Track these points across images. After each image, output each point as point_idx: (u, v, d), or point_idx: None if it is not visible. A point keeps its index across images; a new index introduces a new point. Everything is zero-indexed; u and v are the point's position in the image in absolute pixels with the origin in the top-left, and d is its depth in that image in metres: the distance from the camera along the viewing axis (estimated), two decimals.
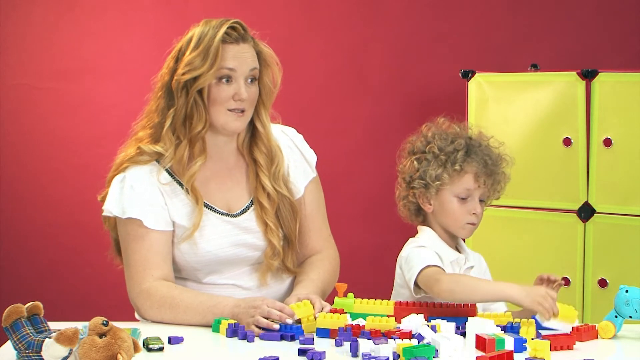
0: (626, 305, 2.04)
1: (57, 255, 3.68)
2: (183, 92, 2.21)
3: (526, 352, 1.84)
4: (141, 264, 2.20)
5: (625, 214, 3.13)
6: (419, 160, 2.25)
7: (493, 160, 2.25)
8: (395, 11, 3.75)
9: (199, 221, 2.22)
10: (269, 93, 2.29)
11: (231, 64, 2.20)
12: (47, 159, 3.67)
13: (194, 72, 2.18)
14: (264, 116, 2.31)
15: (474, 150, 2.24)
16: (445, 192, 2.23)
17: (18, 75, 3.65)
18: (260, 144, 2.31)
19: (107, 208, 2.23)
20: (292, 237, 2.32)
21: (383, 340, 1.87)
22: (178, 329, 2.09)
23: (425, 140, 2.26)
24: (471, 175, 2.22)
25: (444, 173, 2.21)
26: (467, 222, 2.23)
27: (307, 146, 2.43)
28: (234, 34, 2.21)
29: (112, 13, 3.68)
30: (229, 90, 2.21)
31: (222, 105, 2.21)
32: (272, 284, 2.31)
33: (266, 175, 2.29)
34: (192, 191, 2.23)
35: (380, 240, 3.48)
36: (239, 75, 2.21)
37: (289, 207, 2.32)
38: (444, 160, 2.22)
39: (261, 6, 3.68)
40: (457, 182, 2.22)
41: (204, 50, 2.18)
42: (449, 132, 2.27)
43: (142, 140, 2.26)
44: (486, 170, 2.23)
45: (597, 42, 3.68)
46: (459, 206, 2.23)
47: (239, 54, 2.21)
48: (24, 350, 1.70)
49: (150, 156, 2.24)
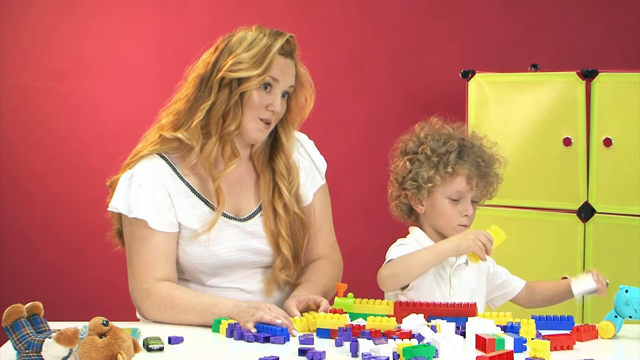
0: (626, 305, 2.04)
1: (57, 255, 3.68)
2: (225, 89, 2.21)
3: (526, 352, 1.84)
4: (144, 265, 2.20)
5: (625, 214, 3.13)
6: (411, 161, 2.23)
7: (486, 162, 2.23)
8: (395, 11, 3.75)
9: (215, 222, 2.22)
10: (299, 111, 2.32)
11: (277, 75, 2.22)
12: (47, 158, 3.67)
13: (243, 72, 2.18)
14: (290, 132, 2.34)
15: (466, 152, 2.22)
16: (437, 194, 2.22)
17: (18, 75, 3.65)
18: (282, 156, 2.33)
19: (114, 205, 2.23)
20: (299, 252, 2.34)
21: (383, 340, 1.87)
22: (178, 329, 2.09)
23: (418, 140, 2.25)
24: (463, 178, 2.21)
25: (436, 175, 2.20)
26: (458, 223, 2.22)
27: (318, 153, 2.44)
28: (287, 47, 2.24)
29: (112, 13, 3.68)
30: (266, 99, 2.22)
31: (255, 111, 2.22)
32: (274, 294, 2.32)
33: (285, 185, 2.30)
34: (218, 192, 2.23)
35: (380, 240, 3.46)
36: (279, 87, 2.23)
37: (299, 223, 2.33)
38: (436, 162, 2.20)
39: (261, 6, 3.68)
40: (449, 184, 2.21)
41: (257, 55, 2.19)
42: (442, 132, 2.25)
43: (164, 127, 2.26)
44: (479, 172, 2.21)
45: (597, 42, 3.68)
46: (451, 208, 2.22)
47: (285, 68, 2.24)
48: (24, 350, 1.70)
49: (171, 143, 2.23)
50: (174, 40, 3.64)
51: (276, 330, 1.97)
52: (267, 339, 1.95)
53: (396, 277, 2.11)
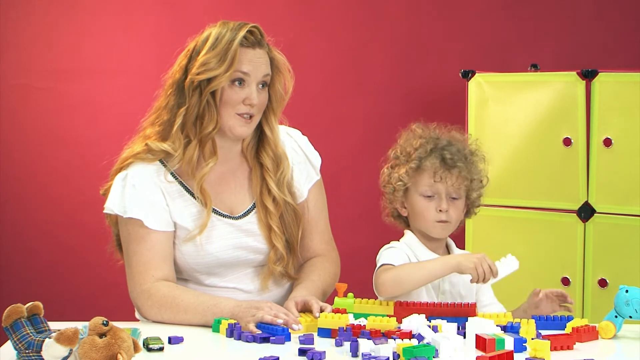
0: (626, 305, 2.04)
1: (57, 255, 3.68)
2: (196, 92, 2.20)
3: (526, 352, 1.84)
4: (142, 265, 2.20)
5: (625, 214, 3.13)
6: (390, 167, 2.28)
7: (452, 155, 2.22)
8: (395, 11, 3.75)
9: (206, 222, 2.22)
10: (279, 99, 2.30)
11: (246, 68, 2.20)
12: (47, 158, 3.67)
13: (209, 72, 2.18)
14: (273, 122, 2.32)
15: (432, 148, 2.23)
16: (411, 193, 2.24)
17: (18, 75, 3.65)
18: (268, 149, 2.31)
19: (109, 206, 2.23)
20: (294, 243, 2.33)
21: (383, 340, 1.87)
22: (178, 329, 2.09)
23: (398, 147, 2.29)
24: (430, 172, 2.22)
25: (404, 173, 2.22)
26: (436, 220, 2.22)
27: (312, 148, 2.43)
28: (251, 38, 2.21)
29: (112, 13, 3.68)
30: (241, 94, 2.21)
31: (232, 107, 2.21)
32: (272, 289, 2.32)
33: (272, 179, 2.30)
34: (202, 192, 2.23)
35: (379, 241, 3.47)
36: (252, 80, 2.21)
37: (292, 213, 2.32)
38: (404, 160, 2.24)
39: (261, 6, 3.68)
40: (418, 180, 2.23)
41: (221, 52, 2.18)
42: (417, 134, 2.28)
43: (149, 137, 2.25)
44: (445, 165, 2.21)
45: (597, 42, 3.68)
46: (426, 205, 2.22)
47: (255, 59, 2.21)
48: (24, 350, 1.70)
49: (157, 154, 2.23)
50: (174, 40, 3.64)
51: (277, 330, 1.97)
52: (267, 339, 1.95)
53: (399, 284, 2.12)
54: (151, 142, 2.23)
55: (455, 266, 2.11)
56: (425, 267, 2.14)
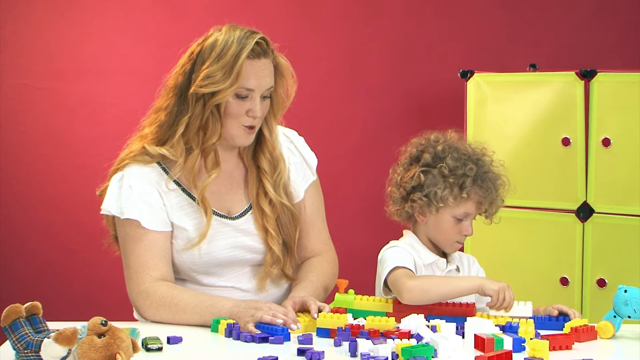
0: (625, 305, 2.04)
1: (56, 255, 3.68)
2: (199, 103, 2.19)
3: (525, 352, 1.84)
4: (140, 265, 2.20)
5: (624, 214, 3.13)
6: (425, 174, 2.20)
7: (496, 188, 2.23)
8: (394, 11, 3.75)
9: (206, 232, 2.22)
10: (281, 103, 2.29)
11: (251, 84, 2.18)
12: (47, 158, 3.67)
13: (214, 86, 2.16)
14: (272, 124, 2.31)
15: (481, 177, 2.21)
16: (444, 211, 2.21)
17: (18, 75, 3.66)
18: (266, 151, 2.31)
19: (106, 207, 2.23)
20: (292, 244, 2.32)
21: (382, 340, 1.87)
22: (177, 328, 2.09)
23: (435, 153, 2.21)
24: (474, 202, 2.21)
25: (450, 196, 2.18)
26: (456, 240, 2.23)
27: (308, 149, 2.43)
28: (257, 49, 2.18)
29: (112, 13, 3.68)
30: (244, 106, 2.20)
31: (236, 119, 2.20)
32: (269, 289, 2.32)
33: (269, 181, 2.29)
34: (202, 202, 2.23)
35: (379, 240, 3.48)
36: (256, 93, 2.20)
37: (289, 215, 2.32)
38: (452, 182, 2.18)
39: (261, 6, 3.68)
40: (460, 206, 2.20)
41: (226, 66, 2.15)
42: (460, 150, 2.22)
43: (146, 137, 2.25)
44: (490, 198, 2.22)
45: (596, 42, 3.68)
46: (454, 226, 2.21)
47: (260, 72, 2.19)
48: (22, 350, 1.70)
49: (155, 158, 2.23)
50: (174, 40, 3.63)
51: (277, 330, 1.97)
52: (265, 339, 1.95)
53: (426, 294, 2.09)
54: (149, 146, 2.22)
55: (479, 287, 2.10)
56: (451, 282, 2.14)
